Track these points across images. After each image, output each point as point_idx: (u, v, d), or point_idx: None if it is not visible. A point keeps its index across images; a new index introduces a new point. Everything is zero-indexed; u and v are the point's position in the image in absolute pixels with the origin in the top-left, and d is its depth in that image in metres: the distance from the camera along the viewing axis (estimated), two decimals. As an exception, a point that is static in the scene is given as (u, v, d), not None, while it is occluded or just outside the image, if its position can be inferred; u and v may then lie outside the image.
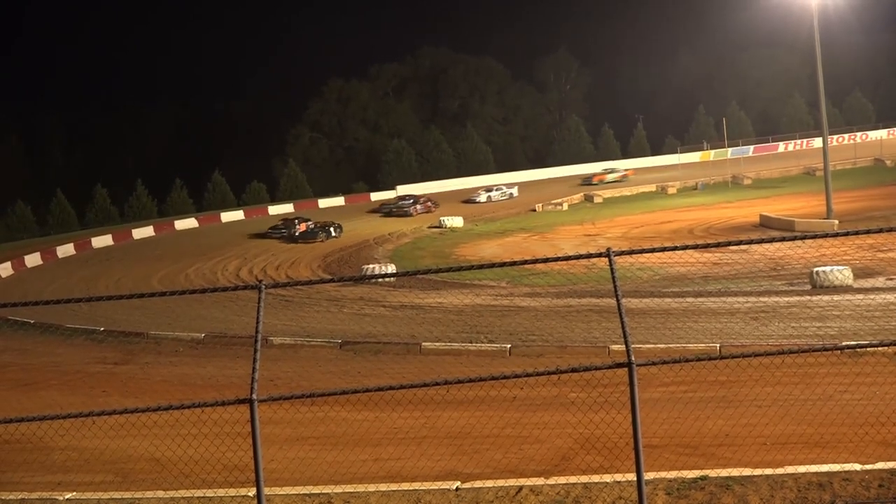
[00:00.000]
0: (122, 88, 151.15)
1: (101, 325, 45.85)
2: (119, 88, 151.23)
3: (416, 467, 19.67)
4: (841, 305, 37.16)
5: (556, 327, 37.85)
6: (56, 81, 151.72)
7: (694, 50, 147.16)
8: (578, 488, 16.01)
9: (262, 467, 11.47)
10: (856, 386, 24.25)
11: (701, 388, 24.53)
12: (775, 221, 67.22)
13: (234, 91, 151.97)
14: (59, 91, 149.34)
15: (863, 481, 15.58)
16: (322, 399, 17.63)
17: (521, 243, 72.82)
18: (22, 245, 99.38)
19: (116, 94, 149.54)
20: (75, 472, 21.60)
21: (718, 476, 16.07)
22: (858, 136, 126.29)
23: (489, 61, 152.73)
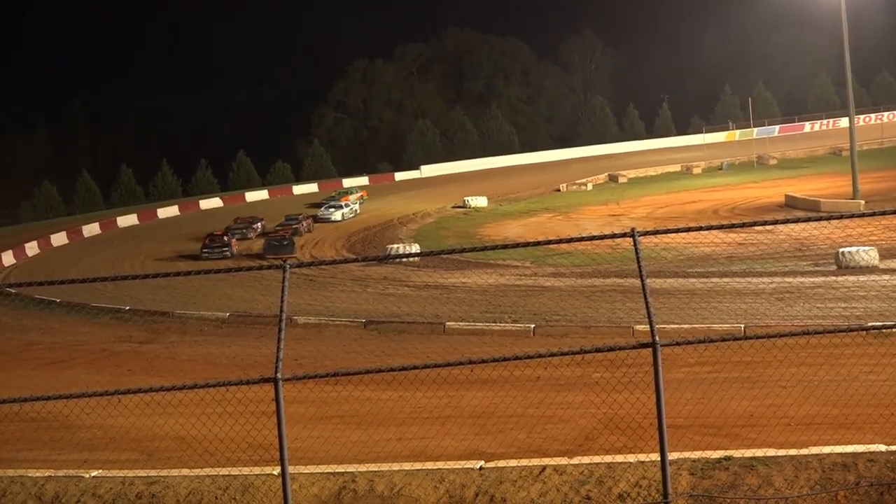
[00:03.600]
0: (147, 71, 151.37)
1: (127, 305, 46.03)
2: (144, 71, 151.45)
3: (439, 447, 19.70)
4: (867, 286, 37.04)
5: (581, 307, 37.83)
6: (81, 65, 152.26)
7: (720, 31, 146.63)
8: (602, 468, 16.01)
9: (287, 446, 11.51)
10: (881, 367, 24.17)
11: (725, 369, 24.49)
12: (801, 202, 66.99)
13: (259, 72, 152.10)
14: (85, 74, 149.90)
15: (888, 462, 15.53)
16: (346, 378, 17.68)
17: (545, 223, 72.76)
18: (48, 225, 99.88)
19: (142, 76, 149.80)
20: (101, 449, 21.72)
21: (743, 457, 16.04)
22: (885, 115, 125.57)
23: (514, 42, 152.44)
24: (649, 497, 14.91)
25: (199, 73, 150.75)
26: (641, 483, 15.44)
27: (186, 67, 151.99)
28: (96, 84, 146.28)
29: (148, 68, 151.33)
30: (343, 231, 78.06)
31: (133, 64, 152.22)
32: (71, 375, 32.77)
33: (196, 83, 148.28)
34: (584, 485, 15.76)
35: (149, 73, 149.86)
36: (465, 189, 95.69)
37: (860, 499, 14.98)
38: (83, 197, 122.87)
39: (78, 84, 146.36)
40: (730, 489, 15.34)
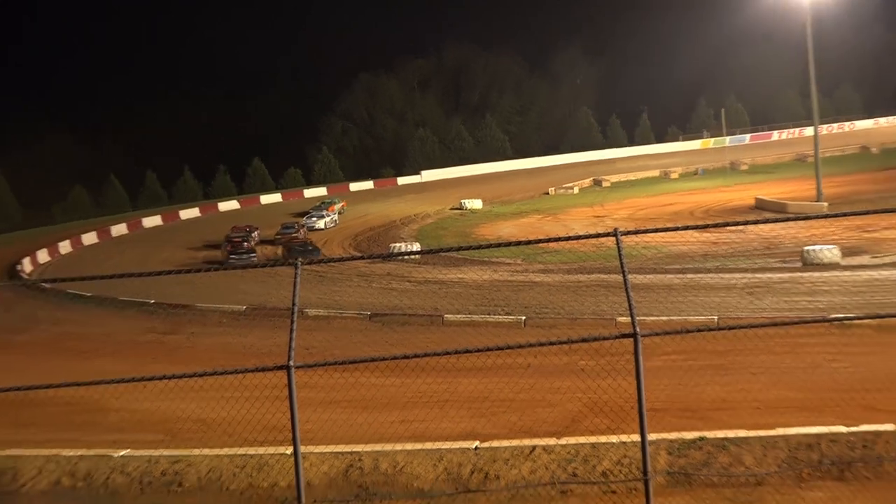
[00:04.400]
0: (171, 85, 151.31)
1: (151, 298, 46.04)
2: (169, 85, 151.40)
3: (438, 428, 19.74)
4: (829, 281, 37.11)
5: (567, 301, 37.85)
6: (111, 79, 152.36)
7: (696, 47, 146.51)
8: (587, 448, 16.05)
9: (299, 428, 11.54)
10: (843, 355, 24.22)
11: (700, 357, 24.53)
12: (769, 204, 67.07)
13: (272, 84, 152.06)
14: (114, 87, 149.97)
15: (848, 442, 15.57)
16: (353, 366, 17.73)
17: (535, 224, 72.76)
18: (80, 225, 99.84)
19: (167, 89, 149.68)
20: (128, 431, 21.75)
21: (715, 437, 16.08)
22: (847, 125, 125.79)
23: (507, 57, 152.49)
24: (630, 474, 14.94)
25: (218, 85, 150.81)
26: (623, 461, 15.48)
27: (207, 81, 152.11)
28: (123, 96, 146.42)
29: (172, 82, 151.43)
30: (350, 231, 78.04)
31: (159, 79, 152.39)
32: (100, 364, 32.81)
33: (215, 95, 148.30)
34: (571, 463, 15.80)
35: (173, 86, 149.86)
36: (461, 192, 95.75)
37: (823, 476, 15.02)
38: (111, 199, 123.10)
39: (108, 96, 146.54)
40: (704, 467, 15.39)
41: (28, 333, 42.57)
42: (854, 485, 14.75)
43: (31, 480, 17.68)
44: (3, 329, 43.83)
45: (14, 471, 17.93)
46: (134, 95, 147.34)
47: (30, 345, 39.84)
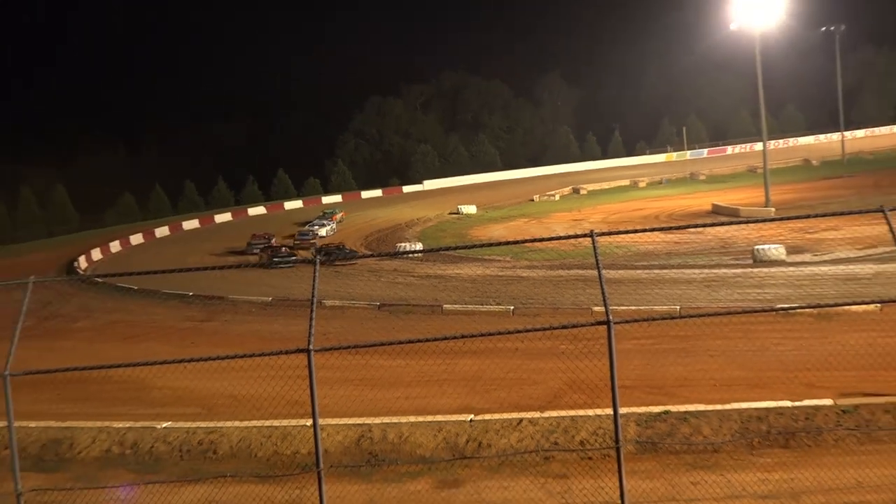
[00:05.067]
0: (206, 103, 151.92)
1: (190, 291, 46.03)
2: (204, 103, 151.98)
3: (438, 403, 19.73)
4: (776, 276, 37.09)
5: (550, 293, 37.82)
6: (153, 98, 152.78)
7: (661, 73, 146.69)
8: (567, 420, 16.04)
9: (317, 403, 11.52)
10: (788, 340, 24.22)
11: (665, 342, 24.51)
12: (725, 209, 67.01)
13: (295, 106, 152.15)
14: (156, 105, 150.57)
15: (792, 415, 15.57)
16: (364, 349, 17.72)
17: (522, 226, 72.72)
18: (128, 227, 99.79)
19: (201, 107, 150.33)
20: (170, 405, 21.75)
21: (678, 411, 16.08)
22: (791, 141, 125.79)
23: (497, 83, 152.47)
24: (604, 443, 14.94)
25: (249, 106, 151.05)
26: (598, 432, 15.48)
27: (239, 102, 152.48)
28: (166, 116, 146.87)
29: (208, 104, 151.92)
30: (361, 233, 77.93)
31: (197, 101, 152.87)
32: (146, 347, 32.82)
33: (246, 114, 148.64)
34: (553, 433, 15.79)
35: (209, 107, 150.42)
36: (458, 199, 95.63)
37: (771, 444, 15.02)
38: (155, 205, 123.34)
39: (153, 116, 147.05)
40: (668, 436, 15.38)
41: (84, 321, 42.58)
42: (797, 452, 14.75)
43: (86, 449, 17.67)
44: (63, 317, 43.85)
45: (71, 440, 17.93)
46: (175, 115, 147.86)
47: (86, 331, 39.87)
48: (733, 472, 13.99)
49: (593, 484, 13.28)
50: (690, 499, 13.16)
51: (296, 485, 14.17)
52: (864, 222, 43.47)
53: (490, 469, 15.07)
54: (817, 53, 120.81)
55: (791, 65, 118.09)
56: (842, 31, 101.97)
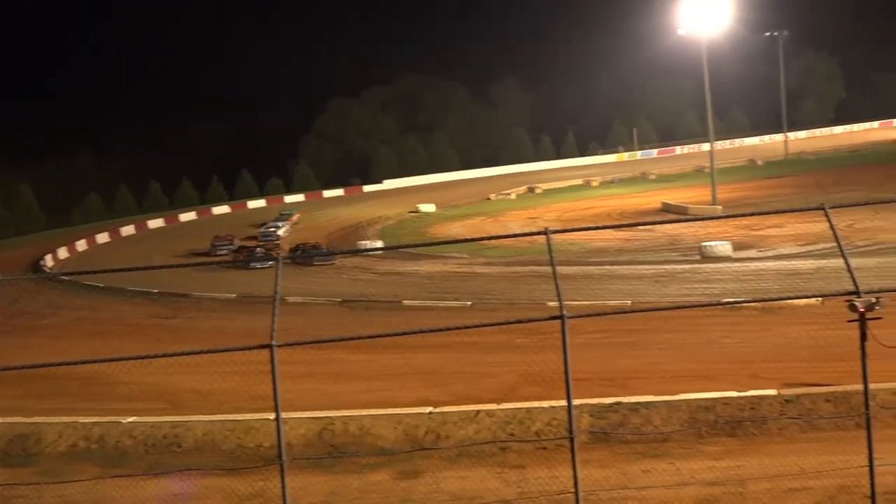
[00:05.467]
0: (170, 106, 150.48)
1: (155, 289, 45.62)
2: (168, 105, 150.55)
3: (398, 396, 19.73)
4: (723, 271, 37.46)
5: (506, 288, 37.91)
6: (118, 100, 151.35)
7: (612, 76, 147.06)
8: (523, 412, 16.10)
9: (280, 397, 11.47)
10: (733, 333, 24.48)
11: (616, 335, 24.66)
12: (674, 207, 67.37)
13: (259, 108, 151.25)
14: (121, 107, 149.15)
15: (738, 405, 15.74)
16: (326, 344, 17.63)
17: (479, 224, 72.73)
18: (94, 227, 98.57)
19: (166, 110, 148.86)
20: (135, 400, 21.57)
21: (629, 402, 16.19)
22: (737, 142, 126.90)
23: (455, 85, 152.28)
24: (558, 433, 15.00)
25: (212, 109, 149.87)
26: (553, 423, 15.55)
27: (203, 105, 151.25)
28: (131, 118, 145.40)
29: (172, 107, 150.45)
30: (324, 231, 77.56)
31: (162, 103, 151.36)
32: (112, 343, 32.49)
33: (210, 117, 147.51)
34: (509, 424, 15.85)
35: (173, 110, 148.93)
36: (417, 198, 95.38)
37: (718, 433, 15.16)
38: (121, 205, 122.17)
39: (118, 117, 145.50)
40: (620, 426, 15.48)
41: (50, 318, 42.09)
42: (743, 440, 14.91)
43: (52, 443, 17.49)
44: (30, 315, 43.32)
45: (38, 435, 17.73)
46: (140, 116, 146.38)
47: (52, 328, 39.42)
48: (682, 460, 14.11)
49: (548, 473, 13.34)
50: (641, 486, 13.25)
51: (259, 477, 14.11)
52: (806, 220, 44.03)
53: (448, 460, 15.09)
54: (761, 58, 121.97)
55: (736, 69, 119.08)
56: (784, 36, 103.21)
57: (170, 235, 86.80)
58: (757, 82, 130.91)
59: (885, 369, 14.82)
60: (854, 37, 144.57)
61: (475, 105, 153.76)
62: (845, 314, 10.88)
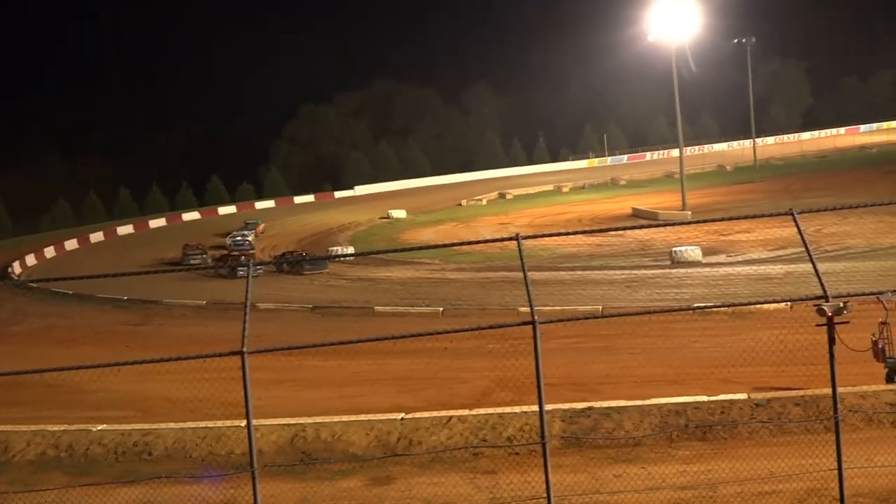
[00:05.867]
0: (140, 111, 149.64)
1: (125, 295, 45.32)
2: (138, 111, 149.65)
3: (370, 402, 19.70)
4: (693, 276, 37.68)
5: (478, 294, 37.98)
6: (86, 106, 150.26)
7: (583, 82, 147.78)
8: (495, 417, 16.10)
9: (251, 404, 11.41)
10: (704, 337, 24.61)
11: (588, 340, 24.73)
12: (644, 213, 67.71)
13: (230, 113, 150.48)
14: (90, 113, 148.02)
15: (709, 409, 15.81)
16: (298, 351, 17.58)
17: (450, 230, 72.78)
18: (62, 233, 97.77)
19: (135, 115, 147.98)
20: (106, 408, 21.42)
21: (601, 407, 16.23)
22: (706, 147, 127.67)
23: (427, 91, 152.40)
24: (531, 439, 15.02)
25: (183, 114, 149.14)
26: (525, 428, 15.56)
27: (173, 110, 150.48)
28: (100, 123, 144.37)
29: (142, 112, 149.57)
30: (295, 237, 77.38)
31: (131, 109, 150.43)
32: (81, 351, 32.27)
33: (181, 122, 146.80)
34: (481, 430, 15.84)
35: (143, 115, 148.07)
36: (389, 204, 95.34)
37: (689, 437, 15.23)
38: (90, 211, 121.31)
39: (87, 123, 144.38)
40: (591, 431, 15.51)
41: (19, 325, 41.72)
42: (714, 444, 14.98)
43: (21, 452, 17.30)
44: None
45: (5, 444, 17.54)
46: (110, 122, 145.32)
47: (21, 335, 39.06)
48: (654, 464, 14.15)
49: (520, 479, 13.34)
50: (613, 491, 13.29)
51: (230, 484, 14.03)
52: (775, 225, 44.29)
53: (421, 466, 15.07)
54: (730, 64, 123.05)
55: (705, 75, 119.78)
56: (752, 43, 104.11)
57: (139, 242, 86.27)
58: (726, 89, 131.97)
59: (853, 373, 14.99)
60: (821, 43, 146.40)
61: (447, 111, 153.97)
62: (814, 318, 10.97)
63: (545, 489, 11.42)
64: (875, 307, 13.01)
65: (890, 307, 14.54)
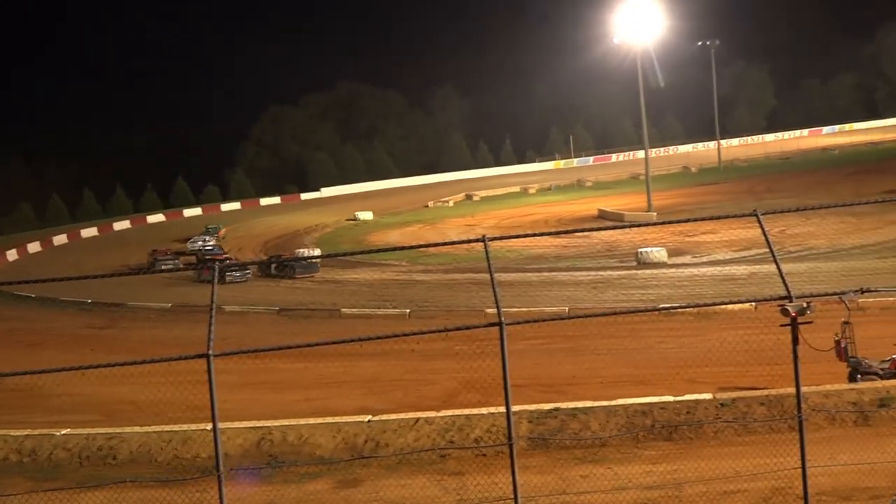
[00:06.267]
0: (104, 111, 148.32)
1: (89, 298, 44.92)
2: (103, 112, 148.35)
3: (337, 405, 19.65)
4: (658, 277, 37.91)
5: (445, 296, 37.98)
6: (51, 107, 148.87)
7: (549, 83, 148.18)
8: (462, 419, 16.11)
9: (217, 407, 11.34)
10: (670, 338, 24.77)
11: (555, 341, 24.82)
12: (610, 214, 67.96)
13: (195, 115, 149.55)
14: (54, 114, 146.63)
15: (675, 409, 15.91)
16: (264, 353, 17.50)
17: (417, 232, 72.69)
18: (25, 236, 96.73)
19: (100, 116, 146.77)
20: (69, 413, 21.22)
21: (568, 407, 16.28)
22: (671, 149, 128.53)
23: (392, 92, 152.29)
24: (498, 440, 15.04)
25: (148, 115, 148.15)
26: (492, 429, 15.58)
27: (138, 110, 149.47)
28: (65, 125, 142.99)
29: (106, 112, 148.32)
30: (261, 239, 77.01)
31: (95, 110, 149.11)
32: (45, 354, 31.92)
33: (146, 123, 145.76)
34: (449, 432, 15.85)
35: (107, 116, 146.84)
36: (355, 206, 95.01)
37: (655, 437, 15.32)
38: (53, 214, 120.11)
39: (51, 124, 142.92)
40: (558, 432, 15.57)
41: (-21, 330, 41.25)
42: (680, 444, 15.08)
43: (-18, 457, 17.10)
44: (-42, 326, 42.42)
45: (-33, 449, 17.33)
46: (73, 124, 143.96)
47: (-19, 339, 38.63)
48: (620, 464, 14.23)
49: (487, 480, 13.37)
50: (580, 491, 13.34)
51: (196, 488, 13.94)
52: (739, 226, 44.61)
53: (388, 468, 15.06)
54: (694, 67, 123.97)
55: (670, 77, 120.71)
56: (716, 45, 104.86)
57: (104, 245, 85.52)
58: (690, 91, 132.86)
59: (816, 372, 15.14)
60: (783, 46, 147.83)
61: (413, 112, 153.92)
62: (778, 319, 11.06)
63: (512, 490, 11.45)
64: (838, 307, 13.16)
65: (852, 307, 14.73)
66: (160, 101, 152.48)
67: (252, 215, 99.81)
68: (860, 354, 17.74)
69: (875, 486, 12.42)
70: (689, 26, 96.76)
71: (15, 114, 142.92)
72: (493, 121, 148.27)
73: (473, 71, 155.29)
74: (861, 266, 34.69)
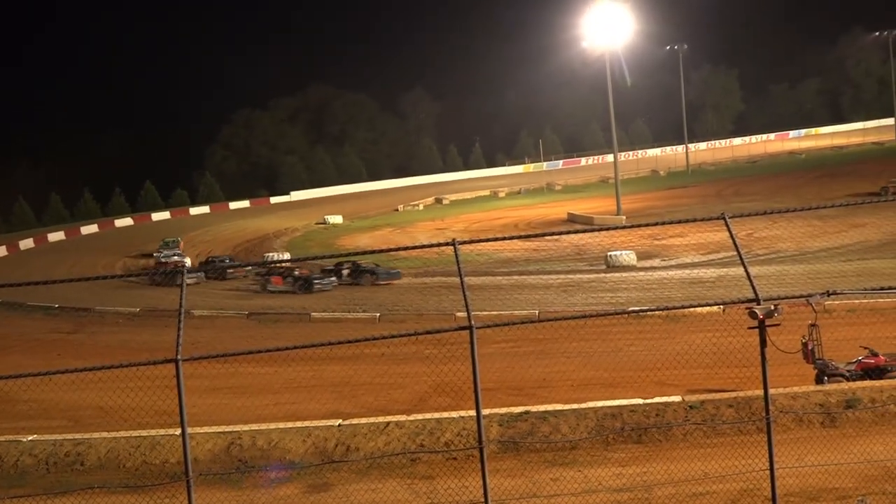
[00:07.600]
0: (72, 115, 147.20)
1: (56, 303, 44.52)
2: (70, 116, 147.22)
3: (307, 409, 19.58)
4: (628, 280, 38.07)
5: (415, 300, 37.92)
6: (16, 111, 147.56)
7: (518, 88, 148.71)
8: (432, 422, 16.10)
9: (186, 412, 11.26)
10: (639, 341, 24.88)
11: (524, 345, 24.87)
12: (579, 217, 68.15)
13: (163, 118, 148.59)
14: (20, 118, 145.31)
15: (644, 411, 15.98)
16: (233, 358, 17.44)
17: (387, 235, 72.57)
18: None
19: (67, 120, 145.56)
20: (36, 419, 21.02)
21: (538, 411, 16.31)
22: (640, 153, 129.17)
23: (362, 96, 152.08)
24: (468, 443, 15.04)
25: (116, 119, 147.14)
26: (462, 433, 15.58)
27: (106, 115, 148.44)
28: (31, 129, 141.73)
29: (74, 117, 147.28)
30: (230, 243, 76.61)
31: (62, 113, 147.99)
32: (10, 360, 31.60)
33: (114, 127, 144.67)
34: (419, 435, 15.83)
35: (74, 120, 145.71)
36: (325, 210, 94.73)
37: (625, 440, 15.38)
38: (19, 218, 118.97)
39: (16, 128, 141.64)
40: (528, 435, 15.59)
41: (-56, 335, 40.76)
42: (649, 446, 15.14)
43: (-52, 464, 16.90)
44: (-78, 332, 41.89)
45: (-68, 456, 17.12)
46: (40, 127, 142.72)
47: (-54, 345, 38.17)
48: (590, 467, 14.26)
49: (458, 483, 13.36)
50: (550, 494, 13.36)
51: (165, 494, 13.84)
52: (707, 229, 44.95)
53: (358, 472, 15.02)
54: (663, 71, 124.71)
55: (639, 81, 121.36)
56: (685, 50, 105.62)
57: (72, 248, 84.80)
58: (659, 95, 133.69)
59: (784, 374, 15.27)
60: (750, 51, 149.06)
61: (383, 116, 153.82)
62: (746, 321, 11.13)
63: (483, 494, 11.44)
64: (805, 310, 13.25)
65: (819, 309, 14.84)
66: (129, 104, 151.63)
67: (221, 219, 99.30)
68: (827, 356, 17.91)
69: (842, 486, 12.53)
70: (657, 31, 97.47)
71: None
72: (463, 124, 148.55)
73: (444, 75, 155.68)
74: (827, 269, 34.98)
